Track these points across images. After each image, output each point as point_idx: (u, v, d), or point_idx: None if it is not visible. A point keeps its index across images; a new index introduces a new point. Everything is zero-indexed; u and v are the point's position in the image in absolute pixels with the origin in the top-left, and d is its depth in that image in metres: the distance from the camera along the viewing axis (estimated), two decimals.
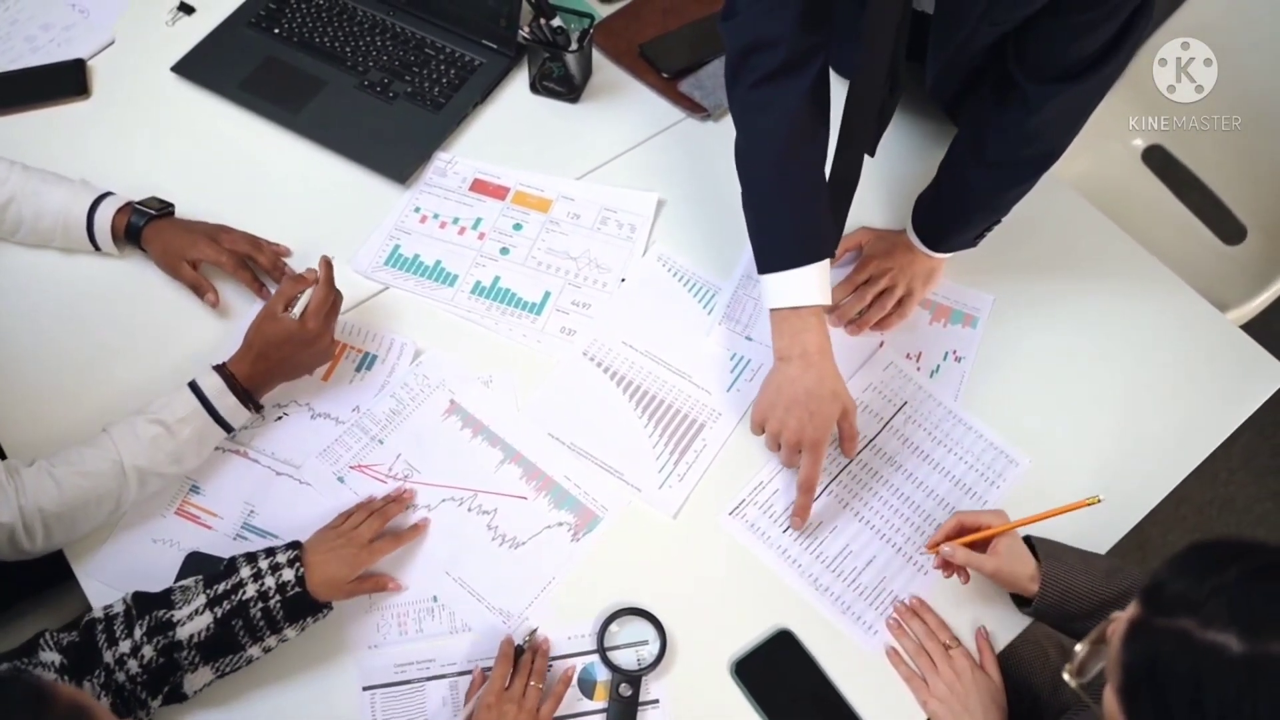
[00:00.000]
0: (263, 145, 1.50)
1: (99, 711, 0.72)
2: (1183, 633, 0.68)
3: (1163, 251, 1.48)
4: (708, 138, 1.53)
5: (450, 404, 1.30)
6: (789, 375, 1.21)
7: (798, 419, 1.20)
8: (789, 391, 1.21)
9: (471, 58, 1.56)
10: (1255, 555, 0.70)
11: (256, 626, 1.05)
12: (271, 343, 1.20)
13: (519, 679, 1.10)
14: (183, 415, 1.16)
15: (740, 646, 1.17)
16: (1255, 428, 2.22)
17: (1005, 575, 1.12)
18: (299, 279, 1.24)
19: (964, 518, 1.16)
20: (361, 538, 1.14)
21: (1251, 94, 1.62)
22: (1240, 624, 0.66)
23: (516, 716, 1.07)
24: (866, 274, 1.37)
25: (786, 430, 1.21)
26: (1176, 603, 0.69)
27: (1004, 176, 1.26)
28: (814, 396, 1.19)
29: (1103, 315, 1.41)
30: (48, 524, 1.09)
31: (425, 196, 1.46)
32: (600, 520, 1.24)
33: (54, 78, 1.53)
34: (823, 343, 1.21)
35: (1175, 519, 2.18)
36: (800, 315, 1.21)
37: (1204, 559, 0.72)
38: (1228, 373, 1.38)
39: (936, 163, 1.34)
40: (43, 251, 1.37)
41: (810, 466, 1.20)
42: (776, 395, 1.22)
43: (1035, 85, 1.13)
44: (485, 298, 1.38)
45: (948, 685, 1.14)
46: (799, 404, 1.20)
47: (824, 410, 1.19)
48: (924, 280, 1.37)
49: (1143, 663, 0.71)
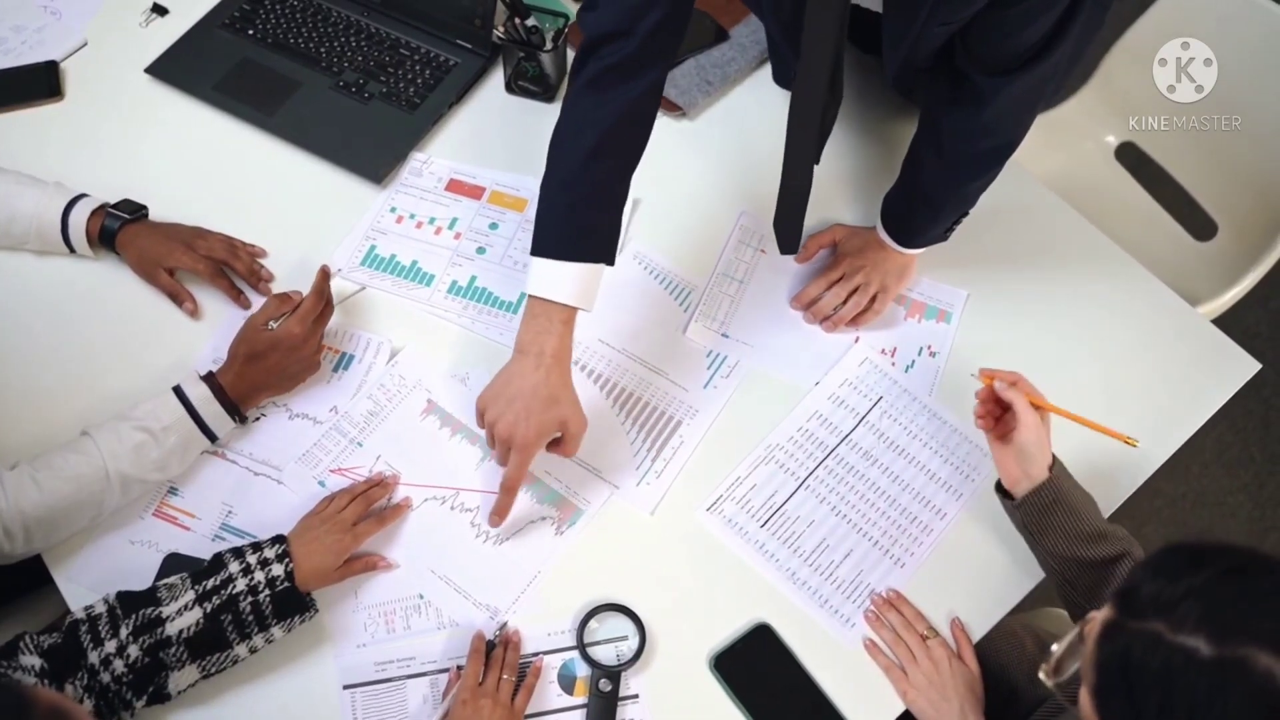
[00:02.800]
0: (238, 147, 1.49)
1: (80, 716, 0.72)
2: (1154, 635, 0.69)
3: (1135, 247, 1.49)
4: (683, 136, 1.53)
5: (428, 403, 1.30)
6: (519, 370, 1.16)
7: (513, 416, 1.14)
8: (514, 386, 1.16)
9: (446, 58, 1.56)
10: (1227, 558, 0.71)
11: (245, 622, 1.05)
12: (256, 352, 1.20)
13: (492, 673, 1.11)
14: (168, 423, 1.15)
15: (719, 641, 1.18)
16: (1227, 421, 2.26)
17: (1030, 447, 1.12)
18: (285, 298, 1.23)
19: (1025, 383, 1.15)
20: (345, 521, 1.14)
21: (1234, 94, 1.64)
22: (1210, 627, 0.67)
23: (492, 711, 1.07)
24: (840, 271, 1.38)
25: (501, 423, 1.15)
26: (1149, 605, 0.71)
27: (964, 170, 1.27)
28: (536, 398, 1.15)
29: (1075, 310, 1.42)
30: (28, 527, 1.09)
31: (401, 197, 1.46)
32: (582, 513, 1.24)
33: (26, 80, 1.52)
34: (560, 350, 1.16)
35: (1149, 512, 2.20)
36: (550, 313, 1.16)
37: (1177, 561, 0.73)
38: (1199, 366, 1.39)
39: (903, 156, 1.35)
40: (18, 254, 1.37)
41: (514, 468, 1.16)
42: (503, 387, 1.17)
43: (985, 77, 1.15)
44: (462, 297, 1.39)
45: (926, 675, 1.15)
46: (518, 401, 1.15)
47: (540, 415, 1.14)
48: (897, 277, 1.38)
49: (1115, 664, 0.72)
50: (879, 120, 1.55)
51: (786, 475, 1.28)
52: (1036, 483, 1.13)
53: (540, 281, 1.16)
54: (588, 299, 1.17)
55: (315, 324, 1.23)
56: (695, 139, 1.53)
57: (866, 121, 1.54)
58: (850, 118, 1.55)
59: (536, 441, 1.15)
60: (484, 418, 1.19)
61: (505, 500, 1.19)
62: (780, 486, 1.27)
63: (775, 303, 1.41)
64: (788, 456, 1.29)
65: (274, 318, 1.22)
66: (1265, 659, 0.65)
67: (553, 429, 1.16)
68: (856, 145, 1.54)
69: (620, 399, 1.32)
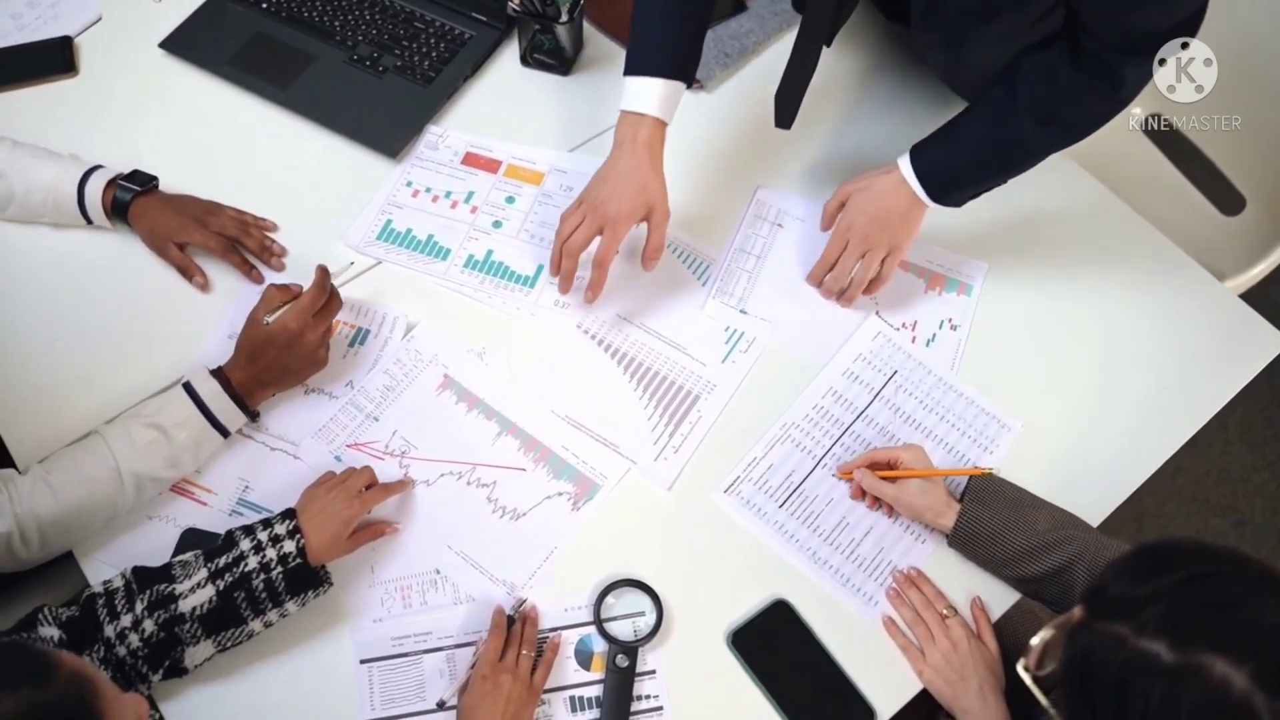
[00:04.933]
0: (252, 121, 1.49)
1: (100, 679, 0.73)
2: (1118, 637, 0.69)
3: (1160, 221, 1.47)
4: (700, 109, 1.52)
5: (444, 378, 1.30)
6: (615, 158, 1.26)
7: (607, 192, 1.25)
8: (608, 171, 1.26)
9: (461, 31, 1.55)
10: (1196, 563, 0.72)
11: (258, 599, 1.05)
12: (257, 346, 1.19)
13: (511, 649, 1.10)
14: (179, 420, 1.15)
15: (736, 617, 1.17)
16: (1252, 398, 2.23)
17: (904, 505, 1.19)
18: (284, 290, 1.22)
19: (876, 453, 1.22)
20: (352, 488, 1.14)
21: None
22: (1172, 633, 0.67)
23: (512, 686, 1.07)
24: (845, 239, 1.33)
25: (593, 202, 1.26)
26: (1115, 607, 0.71)
27: (1060, 134, 1.25)
28: (630, 180, 1.24)
29: (1098, 283, 1.40)
30: (44, 532, 1.09)
31: (417, 171, 1.46)
32: (600, 488, 1.24)
33: (41, 55, 1.52)
34: (653, 142, 1.25)
35: (1171, 489, 2.18)
36: (643, 119, 1.25)
37: (1146, 564, 0.73)
38: (1225, 341, 1.37)
39: (920, 125, 1.32)
40: (34, 228, 1.37)
41: (606, 243, 1.25)
42: (602, 177, 1.27)
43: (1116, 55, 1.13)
44: (479, 271, 1.38)
45: (943, 655, 1.14)
46: (611, 182, 1.25)
47: (632, 196, 1.24)
48: (906, 233, 1.31)
49: (1078, 664, 0.73)
50: (900, 88, 1.53)
51: (803, 454, 1.27)
52: (949, 529, 1.18)
53: (631, 98, 1.26)
54: (667, 111, 1.26)
55: (317, 319, 1.20)
56: (713, 112, 1.52)
57: (887, 90, 1.52)
58: (870, 87, 1.53)
59: (627, 219, 1.25)
60: (569, 218, 1.27)
61: (597, 274, 1.28)
62: (798, 465, 1.26)
63: (793, 277, 1.39)
64: (804, 435, 1.28)
65: (271, 311, 1.20)
66: (1222, 666, 0.65)
67: (641, 212, 1.25)
68: (875, 113, 1.52)
69: (637, 374, 1.31)
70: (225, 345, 1.27)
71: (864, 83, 1.55)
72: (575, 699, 1.13)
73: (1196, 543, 0.75)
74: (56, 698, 0.69)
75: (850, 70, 1.56)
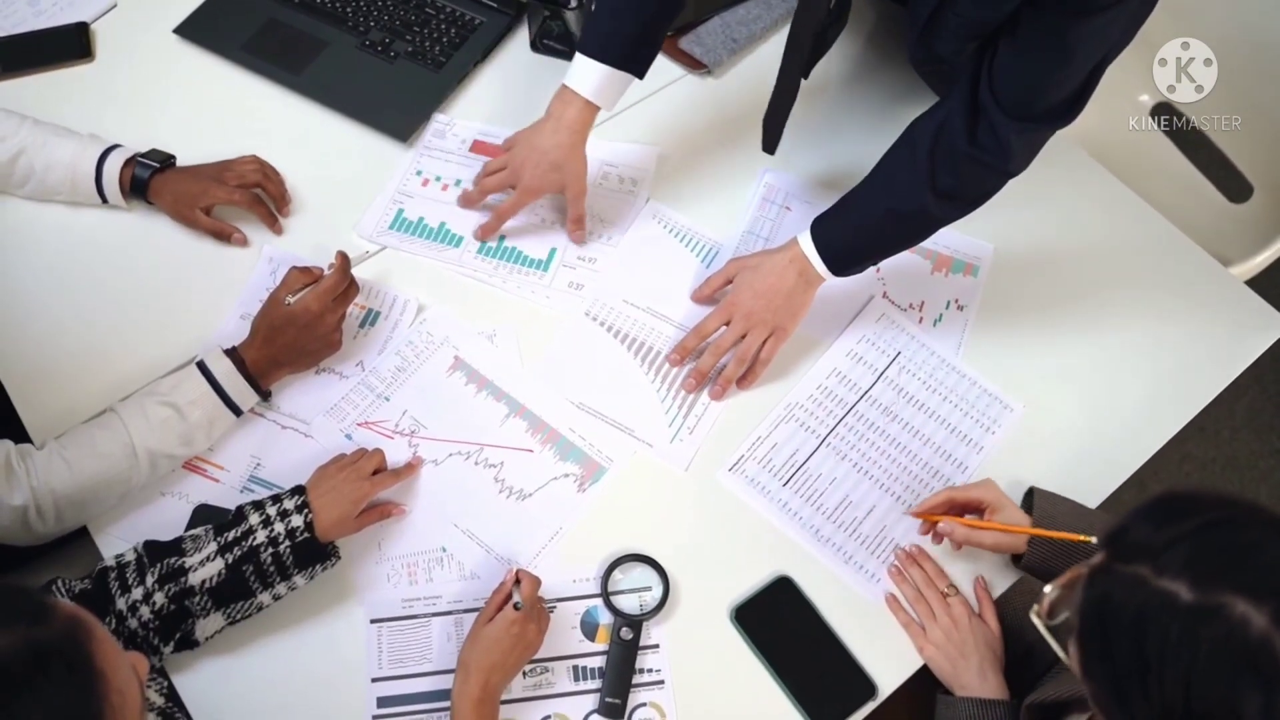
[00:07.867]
0: (266, 106, 1.50)
1: (96, 625, 0.73)
2: (1138, 578, 0.70)
3: (1167, 208, 1.47)
4: (708, 95, 1.53)
5: (454, 360, 1.31)
6: (540, 128, 1.32)
7: (524, 159, 1.31)
8: (532, 138, 1.32)
9: (472, 16, 1.56)
10: (1217, 508, 0.72)
11: (267, 572, 1.07)
12: (275, 326, 1.21)
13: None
14: (193, 398, 1.17)
15: (741, 593, 1.18)
16: (1259, 386, 2.22)
17: (1005, 547, 1.16)
18: (306, 271, 1.24)
19: (954, 493, 1.18)
20: (362, 470, 1.16)
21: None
22: (1193, 573, 0.67)
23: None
24: (722, 318, 1.29)
25: (515, 160, 1.33)
26: (1136, 549, 0.71)
27: (956, 208, 1.23)
28: (546, 156, 1.30)
29: (1104, 267, 1.41)
30: (59, 506, 1.11)
31: (426, 160, 1.47)
32: (605, 471, 1.25)
33: (57, 41, 1.54)
34: (577, 124, 1.29)
35: (1179, 476, 2.17)
36: (574, 99, 1.29)
37: (1168, 508, 0.73)
38: (1230, 326, 1.38)
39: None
40: (51, 207, 1.39)
41: (510, 203, 1.34)
42: (526, 140, 1.33)
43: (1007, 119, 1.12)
44: (492, 257, 1.39)
45: (944, 633, 1.16)
46: (532, 150, 1.31)
47: (545, 172, 1.31)
48: (791, 313, 1.28)
49: (1096, 606, 0.72)
50: (905, 72, 1.53)
51: (807, 433, 1.28)
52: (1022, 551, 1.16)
53: (573, 75, 1.29)
54: (603, 96, 1.30)
55: (336, 303, 1.22)
56: (720, 97, 1.53)
57: (882, 104, 1.53)
58: (865, 99, 1.54)
59: (535, 191, 1.33)
60: (495, 161, 1.36)
61: (493, 224, 1.36)
62: (802, 445, 1.28)
63: None
64: (808, 415, 1.29)
65: (293, 292, 1.22)
66: (1242, 606, 0.65)
67: (552, 188, 1.33)
68: (880, 100, 1.52)
69: (648, 357, 1.33)
70: (238, 325, 1.29)
71: (871, 69, 1.56)
72: (578, 668, 1.15)
73: (1218, 491, 0.75)
74: (52, 637, 0.69)
75: (856, 57, 1.57)
